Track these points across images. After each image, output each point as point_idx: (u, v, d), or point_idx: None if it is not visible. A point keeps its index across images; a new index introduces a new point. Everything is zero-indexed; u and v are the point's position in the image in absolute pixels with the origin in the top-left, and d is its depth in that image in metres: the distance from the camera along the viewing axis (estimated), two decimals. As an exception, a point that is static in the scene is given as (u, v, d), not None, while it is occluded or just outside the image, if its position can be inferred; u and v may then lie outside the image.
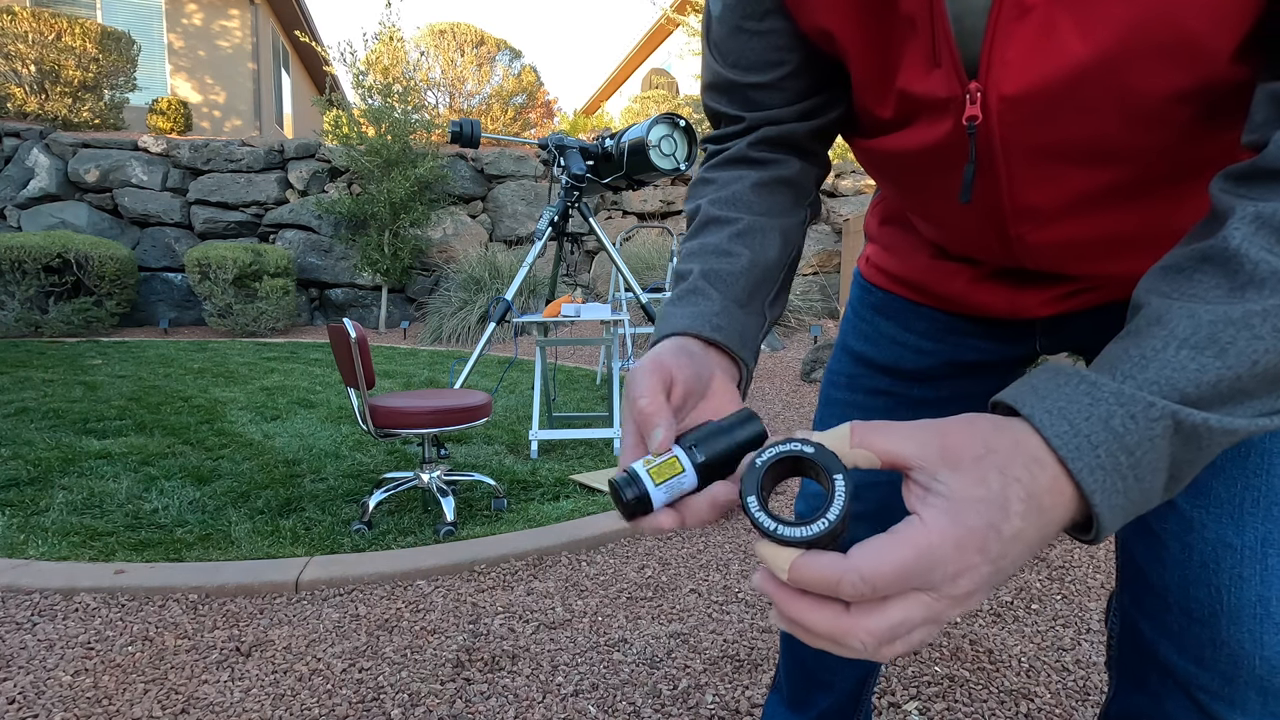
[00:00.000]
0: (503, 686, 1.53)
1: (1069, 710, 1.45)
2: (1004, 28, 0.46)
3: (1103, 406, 0.34)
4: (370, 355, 2.31)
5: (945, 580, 0.32)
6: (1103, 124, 0.48)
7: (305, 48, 13.98)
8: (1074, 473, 0.33)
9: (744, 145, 0.62)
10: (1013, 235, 0.58)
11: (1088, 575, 2.08)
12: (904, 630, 0.33)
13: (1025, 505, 0.33)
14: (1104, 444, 0.33)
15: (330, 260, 8.45)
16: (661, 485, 0.41)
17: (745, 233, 0.58)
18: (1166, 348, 0.35)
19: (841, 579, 0.32)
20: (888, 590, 0.32)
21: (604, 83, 18.95)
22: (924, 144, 0.55)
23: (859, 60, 0.56)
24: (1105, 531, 0.34)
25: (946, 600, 0.33)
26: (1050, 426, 0.34)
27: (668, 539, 2.38)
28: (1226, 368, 0.34)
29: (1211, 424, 0.33)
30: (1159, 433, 0.33)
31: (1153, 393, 0.34)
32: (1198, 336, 0.34)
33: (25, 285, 6.95)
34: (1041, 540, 0.34)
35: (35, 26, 8.84)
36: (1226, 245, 0.36)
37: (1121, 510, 0.34)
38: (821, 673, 0.94)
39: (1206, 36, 0.42)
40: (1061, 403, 0.34)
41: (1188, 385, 0.34)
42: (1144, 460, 0.33)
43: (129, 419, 3.78)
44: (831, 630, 0.33)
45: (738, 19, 0.59)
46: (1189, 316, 0.35)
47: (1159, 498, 0.35)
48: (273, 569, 2.02)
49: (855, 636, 0.33)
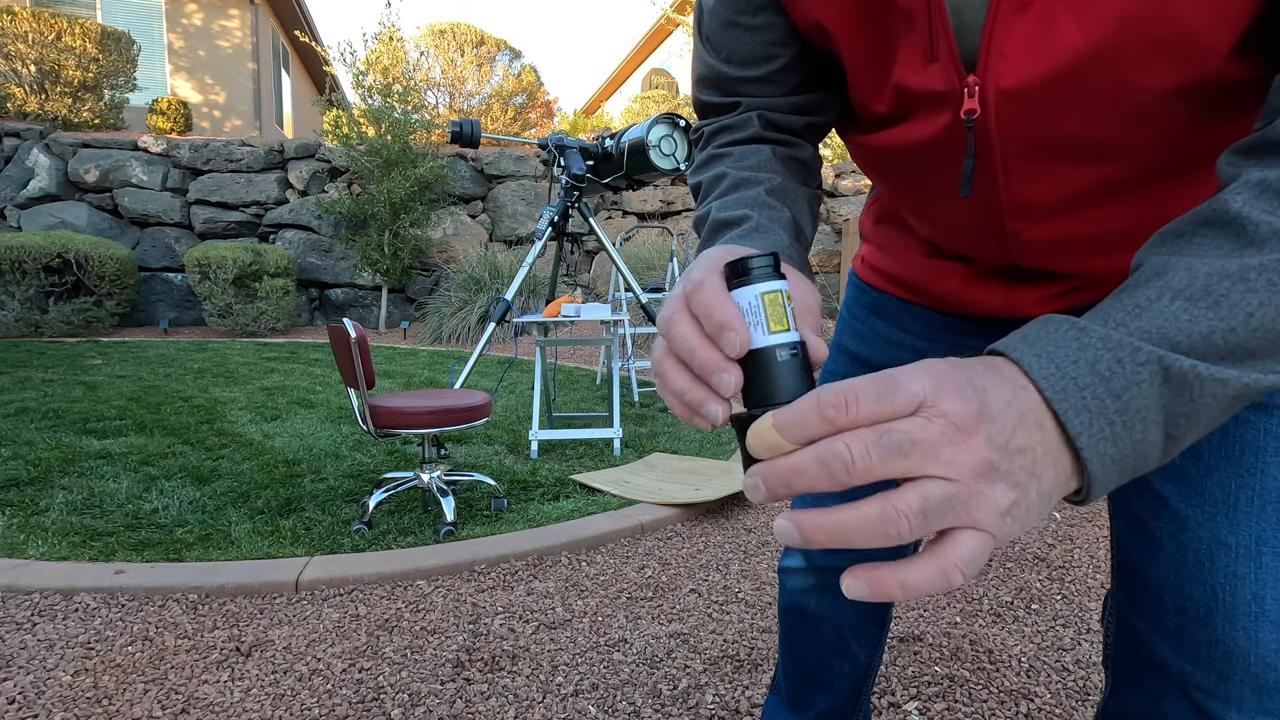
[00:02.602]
0: (503, 686, 1.53)
1: (1069, 710, 1.45)
2: (1003, 20, 0.46)
3: (1090, 351, 0.33)
4: (370, 355, 2.31)
5: (933, 399, 0.31)
6: (1100, 120, 0.48)
7: (305, 48, 13.98)
8: (1059, 414, 0.32)
9: (756, 126, 0.61)
10: (1009, 231, 0.58)
11: (1088, 575, 2.08)
12: (897, 437, 0.30)
13: (1020, 422, 0.32)
14: (1089, 387, 0.32)
15: (330, 260, 8.46)
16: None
17: (781, 191, 0.57)
18: (1160, 298, 0.34)
19: (819, 395, 0.31)
20: (867, 394, 0.31)
21: (604, 83, 18.95)
22: (921, 139, 0.55)
23: (854, 55, 0.55)
24: (1096, 484, 0.33)
25: (941, 422, 0.30)
26: (1038, 369, 0.33)
27: (667, 539, 2.38)
28: (1220, 319, 0.33)
29: (1200, 371, 0.33)
30: (1145, 378, 0.33)
31: (1142, 339, 0.33)
32: (1193, 288, 0.34)
33: (25, 285, 6.95)
34: (1055, 487, 0.33)
35: (35, 26, 8.84)
36: (1227, 209, 0.36)
37: (1113, 461, 0.33)
38: (820, 672, 0.94)
39: (1203, 32, 0.42)
40: (1050, 347, 0.34)
41: (1178, 335, 0.33)
42: (1132, 406, 0.32)
43: (129, 419, 3.78)
44: (823, 453, 0.31)
45: (731, 14, 0.59)
46: (1186, 270, 0.35)
47: (1156, 456, 0.34)
48: (273, 569, 2.02)
49: (844, 441, 0.31)
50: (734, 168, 0.59)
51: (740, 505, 2.71)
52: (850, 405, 0.31)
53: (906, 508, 0.30)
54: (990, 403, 0.32)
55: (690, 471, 3.01)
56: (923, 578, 0.31)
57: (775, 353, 0.35)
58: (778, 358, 0.35)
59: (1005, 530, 0.31)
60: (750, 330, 0.36)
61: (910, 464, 0.30)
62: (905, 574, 0.31)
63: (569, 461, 3.22)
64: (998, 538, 0.31)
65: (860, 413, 0.31)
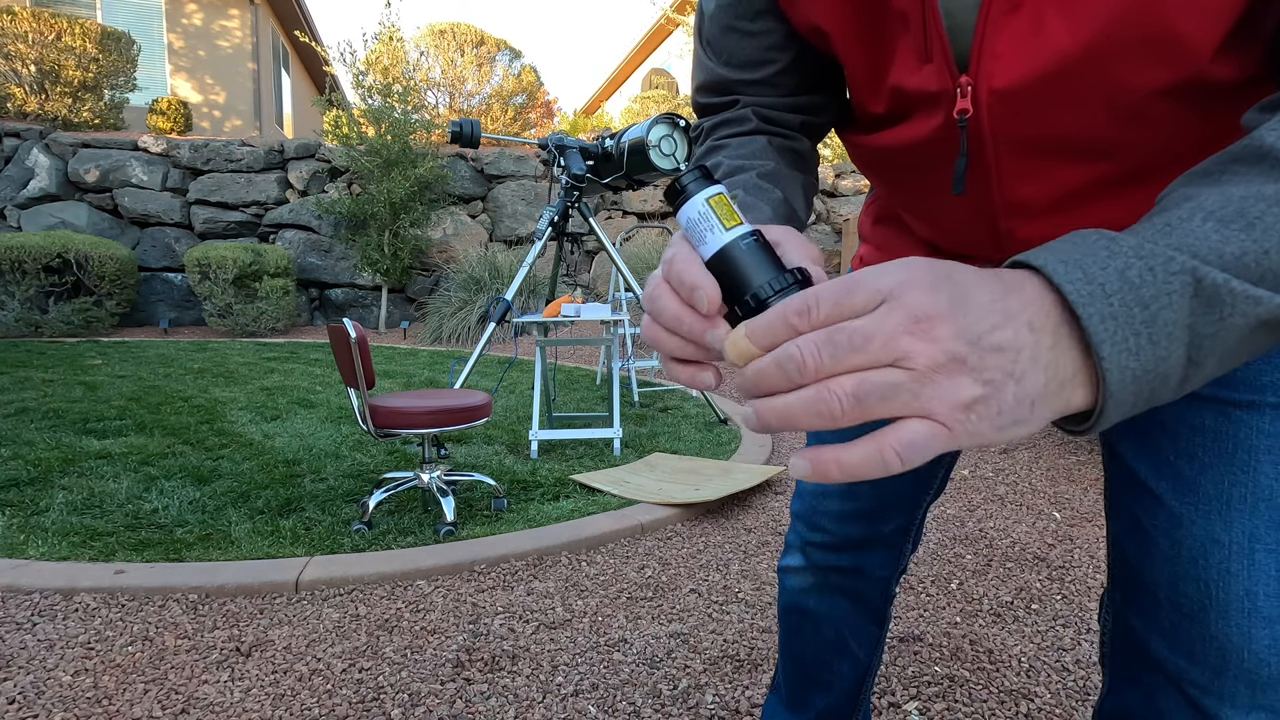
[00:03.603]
0: (503, 686, 1.53)
1: (1069, 710, 1.45)
2: (995, 22, 0.47)
3: (1120, 259, 0.32)
4: (370, 355, 2.31)
5: (897, 294, 0.30)
6: (1091, 119, 0.49)
7: (305, 48, 13.98)
8: (1083, 319, 0.31)
9: (754, 121, 0.63)
10: (1003, 229, 0.59)
11: (1088, 575, 2.08)
12: (847, 333, 0.30)
13: (1004, 320, 0.31)
14: (1118, 294, 0.31)
15: (330, 260, 8.46)
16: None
17: (773, 175, 0.58)
18: (1193, 217, 0.33)
19: (786, 303, 0.32)
20: (828, 296, 0.31)
21: (604, 83, 18.95)
22: (916, 139, 0.56)
23: (852, 57, 0.57)
24: (1112, 400, 0.32)
25: (901, 314, 0.30)
26: (1063, 274, 0.32)
27: (667, 539, 2.38)
28: (1253, 241, 0.32)
29: (1234, 287, 0.31)
30: (1177, 288, 0.31)
31: (1175, 251, 0.32)
32: (1226, 210, 0.33)
33: (25, 285, 6.95)
34: (1044, 394, 0.31)
35: (35, 26, 8.84)
36: (1261, 144, 0.34)
37: (1132, 376, 0.31)
38: (820, 672, 0.94)
39: (1189, 31, 0.43)
40: (1077, 255, 0.32)
41: (1210, 254, 0.32)
42: (1160, 317, 0.31)
43: (129, 419, 3.78)
44: (779, 355, 0.31)
45: (730, 19, 0.61)
46: (1219, 193, 0.34)
47: (1175, 382, 0.33)
48: (273, 569, 2.02)
49: (796, 343, 0.31)
50: (730, 157, 0.60)
51: (740, 505, 2.71)
52: (813, 309, 0.32)
53: (840, 389, 0.30)
54: (967, 297, 0.31)
55: (690, 471, 3.01)
56: (859, 457, 0.31)
57: (737, 245, 0.37)
58: (740, 247, 0.37)
59: (968, 428, 0.30)
60: (708, 234, 0.37)
61: (866, 358, 0.30)
62: (843, 453, 0.32)
63: (569, 461, 3.22)
64: (955, 432, 0.30)
65: (822, 315, 0.31)
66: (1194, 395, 0.55)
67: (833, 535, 0.85)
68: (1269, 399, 0.53)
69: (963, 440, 0.31)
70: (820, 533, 0.86)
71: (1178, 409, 0.56)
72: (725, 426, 3.96)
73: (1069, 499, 2.75)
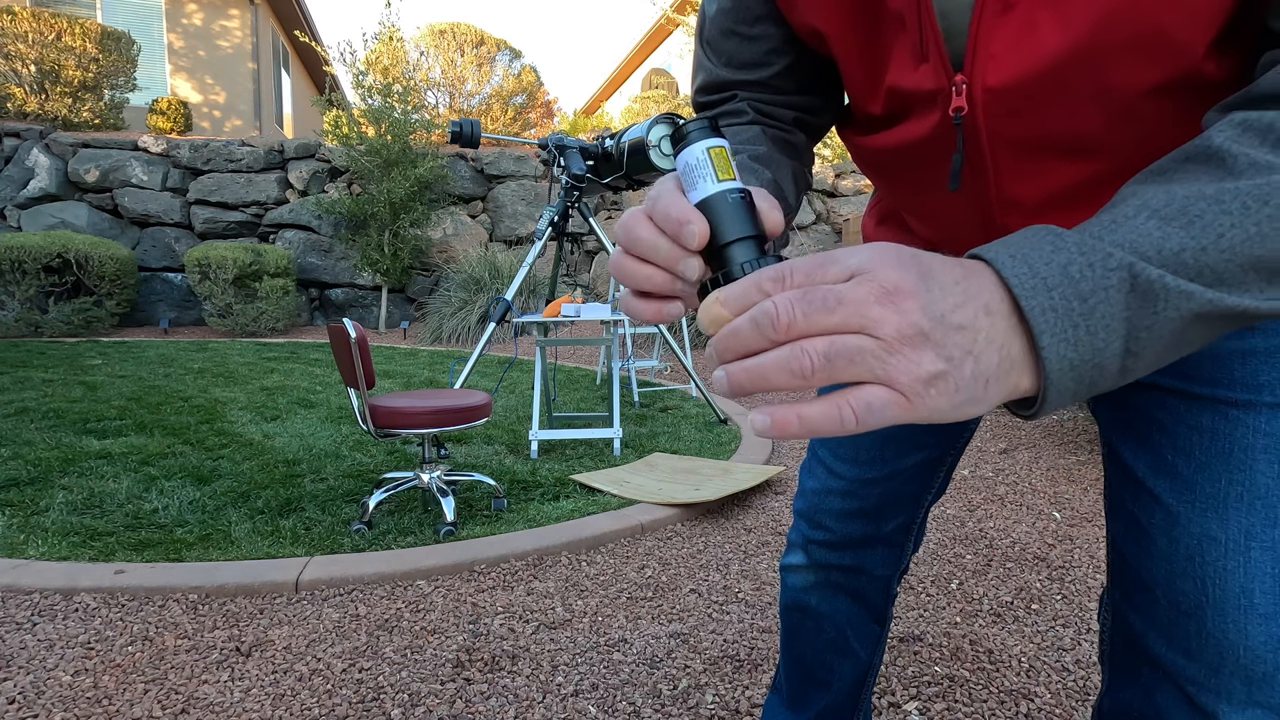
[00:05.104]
0: (503, 686, 1.53)
1: (1069, 710, 1.46)
2: (988, 22, 0.48)
3: (1064, 254, 0.34)
4: (370, 355, 2.31)
5: (869, 269, 0.32)
6: (1085, 117, 0.50)
7: (305, 48, 13.99)
8: (1025, 311, 0.33)
9: (750, 114, 0.64)
10: (998, 225, 0.60)
11: (1088, 575, 2.08)
12: (823, 293, 0.31)
13: (964, 300, 0.32)
14: (1059, 288, 0.33)
15: (330, 260, 8.46)
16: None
17: (764, 158, 0.59)
18: (1138, 215, 0.35)
19: (759, 272, 0.33)
20: (802, 268, 0.33)
21: (604, 83, 18.95)
22: (913, 138, 0.57)
23: (849, 59, 0.58)
24: (1052, 387, 0.33)
25: (873, 284, 0.31)
26: (1010, 268, 0.34)
27: (667, 539, 2.38)
28: (1191, 238, 0.34)
29: (1168, 282, 0.33)
30: (1114, 283, 0.33)
31: (1115, 248, 0.34)
32: (1169, 209, 0.35)
33: (25, 285, 6.95)
34: (996, 374, 0.33)
35: (35, 26, 8.84)
36: (1209, 144, 0.37)
37: (1070, 365, 0.33)
38: (820, 671, 0.94)
39: (1178, 31, 0.44)
40: (1025, 250, 0.34)
41: (1150, 250, 0.34)
42: (1097, 310, 0.33)
43: (129, 419, 3.78)
44: (754, 312, 0.32)
45: (730, 23, 0.62)
46: (1165, 192, 0.36)
47: (1114, 371, 0.34)
48: (273, 569, 2.02)
49: (772, 300, 0.32)
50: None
51: (740, 505, 2.71)
52: (786, 279, 0.33)
53: (813, 348, 0.31)
54: (932, 276, 0.33)
55: (690, 471, 3.01)
56: (818, 412, 0.32)
57: (725, 196, 0.38)
58: (728, 199, 0.38)
59: (928, 401, 0.32)
60: (700, 181, 0.38)
61: (837, 320, 0.31)
62: (804, 408, 0.33)
63: (569, 461, 3.22)
64: (914, 404, 0.31)
65: (794, 284, 0.33)
66: (1192, 395, 0.56)
67: (834, 533, 0.85)
68: (1266, 399, 0.54)
69: (920, 413, 0.32)
70: (822, 531, 0.86)
71: (1176, 409, 0.57)
72: (725, 426, 3.96)
73: (1069, 499, 2.75)
